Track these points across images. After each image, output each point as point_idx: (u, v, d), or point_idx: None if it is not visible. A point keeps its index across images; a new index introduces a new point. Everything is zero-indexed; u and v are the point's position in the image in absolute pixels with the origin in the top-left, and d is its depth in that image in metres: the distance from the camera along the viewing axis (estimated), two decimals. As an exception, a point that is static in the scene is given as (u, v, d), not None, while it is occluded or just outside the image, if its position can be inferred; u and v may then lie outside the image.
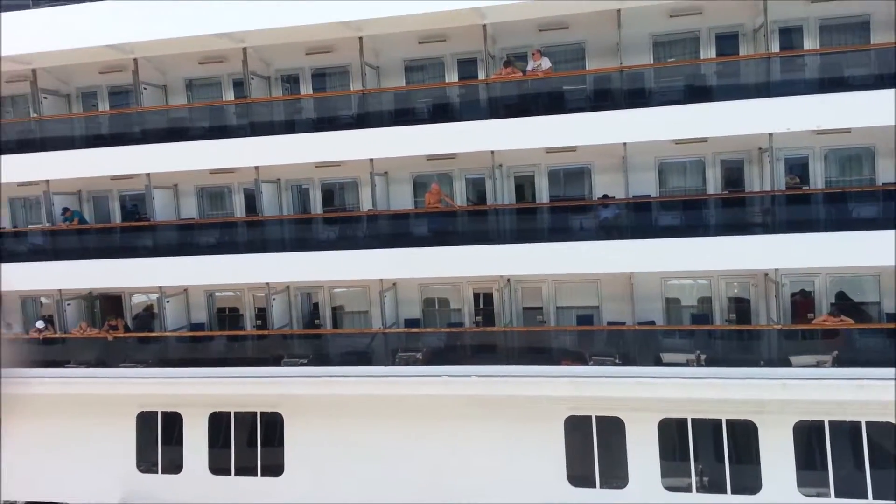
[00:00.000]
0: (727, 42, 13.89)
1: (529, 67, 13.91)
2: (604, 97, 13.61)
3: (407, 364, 14.25)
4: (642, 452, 13.41)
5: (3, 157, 15.46)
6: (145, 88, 15.90)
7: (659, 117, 12.65)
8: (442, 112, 14.31)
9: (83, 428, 15.99)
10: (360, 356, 14.86)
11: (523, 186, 15.17)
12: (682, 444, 13.34)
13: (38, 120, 15.96)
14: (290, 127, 15.00)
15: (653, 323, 14.06)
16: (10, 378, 15.36)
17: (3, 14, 14.42)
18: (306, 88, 15.86)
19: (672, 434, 13.44)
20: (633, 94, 13.29)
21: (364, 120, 14.36)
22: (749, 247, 12.53)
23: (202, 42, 14.55)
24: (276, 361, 14.93)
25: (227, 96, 16.27)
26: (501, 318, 14.68)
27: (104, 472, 15.80)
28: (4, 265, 15.71)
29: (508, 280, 14.70)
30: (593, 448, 13.65)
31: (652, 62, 14.01)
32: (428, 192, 14.72)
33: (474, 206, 15.08)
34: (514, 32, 14.38)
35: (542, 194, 14.89)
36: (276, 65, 15.92)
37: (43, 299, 17.36)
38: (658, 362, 13.30)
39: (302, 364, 14.65)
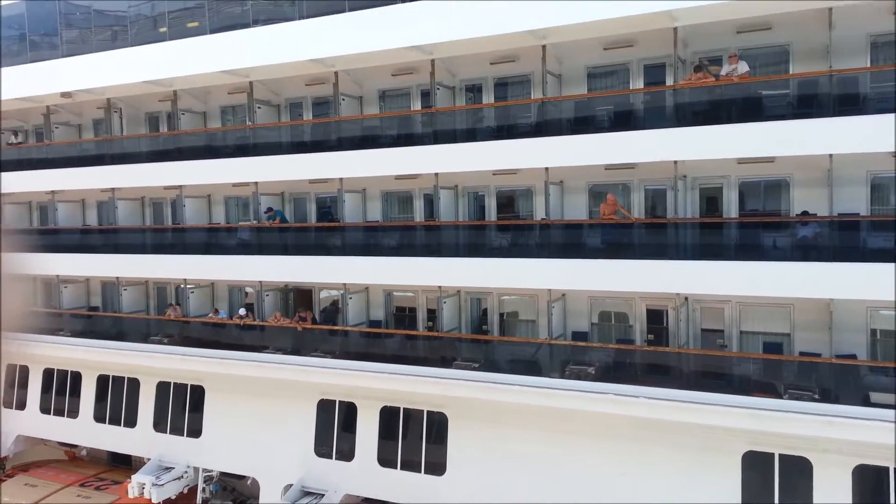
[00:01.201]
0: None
1: (724, 72, 13.03)
2: (808, 103, 12.35)
3: (578, 378, 13.80)
4: (832, 499, 11.84)
5: (222, 160, 17.50)
6: (343, 99, 17.11)
7: (873, 126, 11.20)
8: (624, 120, 13.85)
9: (272, 409, 17.30)
10: (528, 365, 14.72)
11: (709, 199, 14.20)
12: (881, 494, 11.59)
13: (251, 128, 17.83)
14: (471, 135, 15.35)
15: (854, 356, 12.42)
16: (214, 358, 17.29)
17: (227, 33, 16.31)
18: (488, 97, 16.16)
19: (869, 482, 11.72)
20: (845, 101, 11.91)
21: (542, 128, 14.31)
22: None
23: (395, 55, 15.37)
24: (445, 362, 15.24)
25: (414, 106, 17.03)
26: (676, 339, 13.81)
27: (286, 453, 17.00)
28: (218, 256, 17.73)
29: (686, 298, 13.80)
30: (774, 488, 12.29)
31: (868, 65, 12.47)
32: (603, 202, 14.30)
33: (653, 219, 14.38)
34: (708, 35, 13.55)
35: (731, 208, 13.82)
36: (461, 75, 16.40)
37: (247, 289, 19.29)
38: (866, 402, 11.71)
39: (473, 368, 14.79)
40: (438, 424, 15.62)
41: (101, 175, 19.42)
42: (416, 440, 15.86)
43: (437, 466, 15.50)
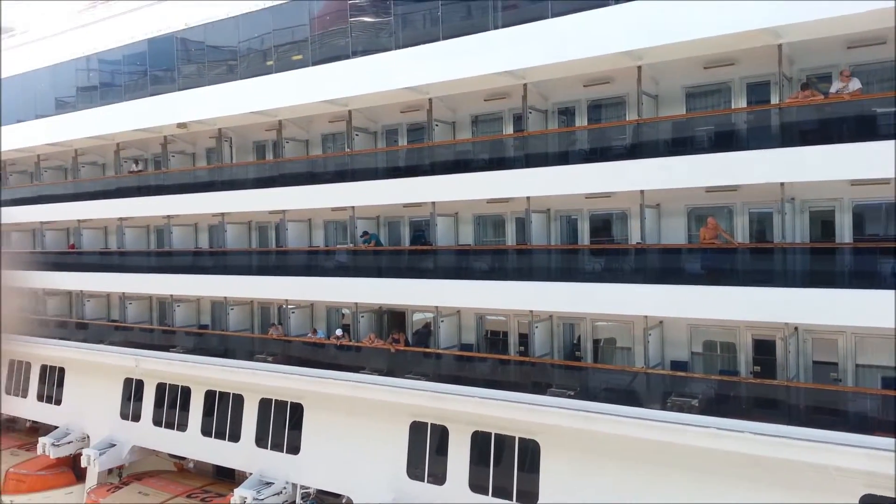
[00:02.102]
0: None
1: (833, 89, 12.29)
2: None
3: (681, 410, 13.17)
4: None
5: (322, 185, 18.16)
6: (437, 125, 17.40)
7: None
8: (726, 140, 13.29)
9: (366, 429, 17.60)
10: (624, 394, 14.24)
11: (822, 223, 13.34)
12: None
13: (349, 154, 18.44)
14: (563, 158, 15.21)
15: None
16: (312, 376, 17.83)
17: (327, 65, 16.98)
18: (581, 120, 15.97)
19: None
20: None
21: (637, 150, 13.98)
22: None
23: (488, 80, 15.48)
24: (537, 388, 14.99)
25: (506, 130, 17.07)
26: (785, 371, 12.98)
27: (379, 473, 17.20)
28: (317, 278, 18.35)
29: (796, 328, 12.97)
30: (897, 537, 11.25)
31: None
32: (703, 226, 13.73)
33: (759, 244, 13.67)
34: (816, 51, 12.84)
35: (844, 232, 12.92)
36: (553, 98, 16.32)
37: (344, 310, 19.83)
38: None
39: (568, 396, 14.45)
40: (531, 452, 15.37)
41: (211, 200, 20.62)
42: (508, 467, 15.66)
43: (529, 495, 15.22)
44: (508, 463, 15.67)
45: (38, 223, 26.70)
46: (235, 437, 19.98)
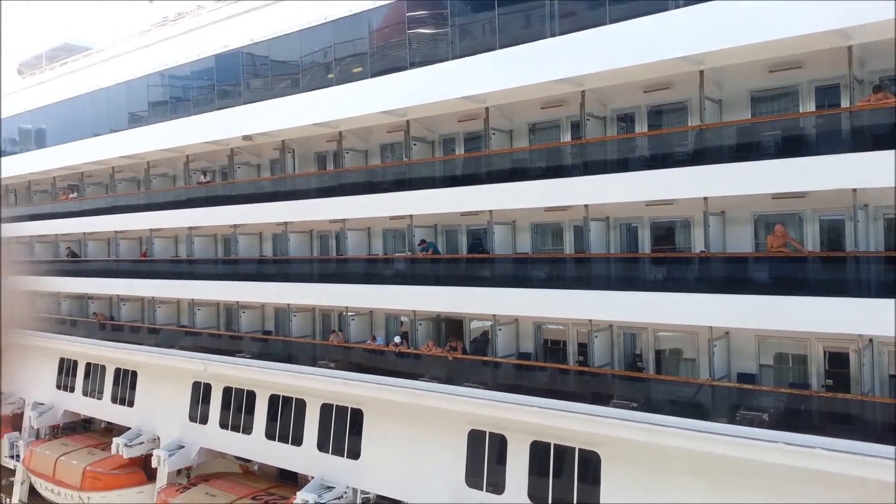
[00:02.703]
0: None
1: (909, 91, 11.73)
2: None
3: (750, 424, 12.68)
4: None
5: (380, 195, 18.42)
6: (494, 133, 17.40)
7: None
8: (793, 146, 12.81)
9: (425, 436, 17.76)
10: (688, 407, 13.89)
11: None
12: None
13: (407, 164, 18.65)
14: (622, 165, 14.96)
15: None
16: (371, 383, 18.07)
17: (386, 76, 17.25)
18: (641, 126, 15.70)
19: None
20: None
21: (700, 157, 13.61)
22: None
23: (545, 88, 15.39)
24: (597, 399, 14.78)
25: (564, 138, 16.94)
26: (859, 385, 12.42)
27: (438, 480, 17.30)
28: (376, 286, 18.62)
29: (871, 340, 12.40)
30: None
31: None
32: (771, 234, 13.28)
33: (830, 252, 13.13)
34: (888, 53, 12.21)
35: (922, 240, 12.29)
36: (612, 105, 16.11)
37: (402, 318, 20.04)
38: None
39: (632, 408, 14.17)
40: (591, 464, 15.18)
41: (275, 210, 21.17)
42: (568, 478, 15.51)
43: (589, 507, 15.06)
44: (568, 474, 15.51)
45: (112, 232, 27.96)
46: (298, 440, 20.44)
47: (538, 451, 15.98)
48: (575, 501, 15.30)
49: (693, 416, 13.39)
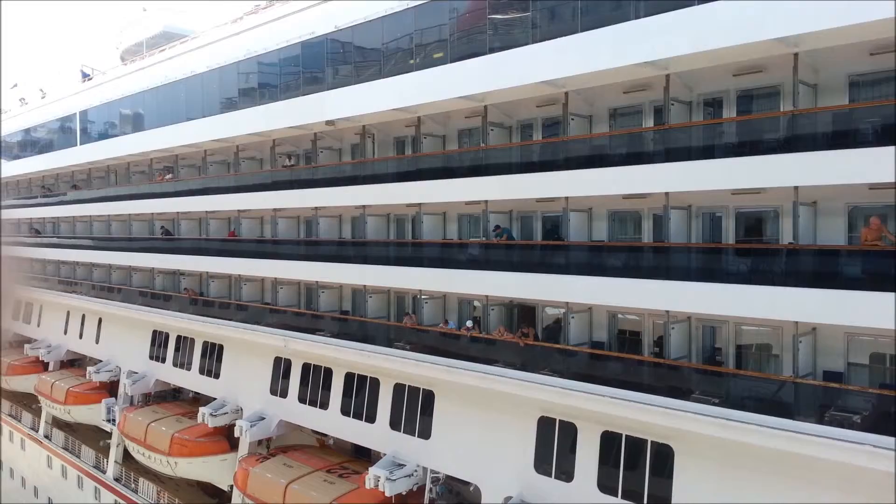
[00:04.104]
0: None
1: None
2: None
3: (840, 425, 12.09)
4: None
5: (456, 180, 18.48)
6: (573, 119, 17.14)
7: None
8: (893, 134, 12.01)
9: (495, 420, 17.83)
10: (772, 405, 13.29)
11: None
12: None
13: (484, 149, 18.62)
14: (707, 152, 14.40)
15: None
16: (442, 365, 18.27)
17: (464, 62, 17.21)
18: (729, 112, 15.08)
19: None
20: None
21: (792, 144, 12.95)
22: None
23: (627, 72, 15.00)
24: (673, 392, 14.40)
25: (646, 123, 16.47)
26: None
27: (506, 464, 17.38)
28: (450, 270, 18.71)
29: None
30: None
31: None
32: (865, 226, 12.52)
33: (932, 247, 12.25)
34: None
35: None
36: (698, 89, 15.54)
37: (475, 303, 20.13)
38: None
39: (713, 404, 13.69)
40: (664, 457, 14.86)
41: (354, 193, 21.64)
42: (639, 470, 15.26)
43: (661, 501, 14.76)
44: (640, 466, 15.25)
45: (203, 213, 29.32)
46: (371, 418, 20.95)
47: (609, 442, 15.78)
48: (646, 494, 15.03)
49: (776, 413, 12.85)
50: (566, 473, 16.41)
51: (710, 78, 15.01)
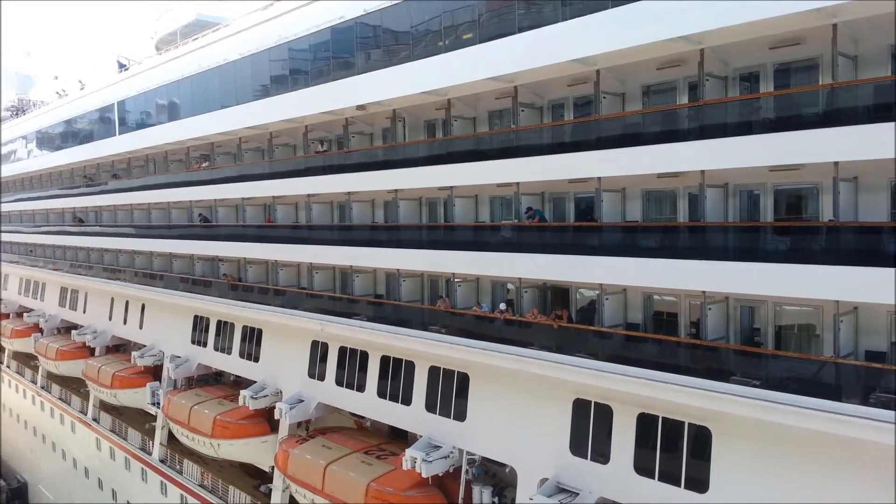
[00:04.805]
0: None
1: None
2: None
3: (885, 407, 11.80)
4: None
5: (487, 162, 18.39)
6: (605, 97, 16.85)
7: None
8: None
9: (530, 403, 17.87)
10: (813, 386, 12.98)
11: None
12: None
13: (514, 130, 18.46)
14: (744, 128, 14.05)
15: None
16: (477, 348, 18.32)
17: (492, 42, 17.01)
18: (766, 86, 14.67)
19: None
20: None
21: (832, 118, 12.55)
22: None
23: (660, 48, 14.66)
24: (710, 374, 14.21)
25: (681, 100, 16.12)
26: None
27: (542, 447, 17.42)
28: (482, 253, 18.68)
29: None
30: None
31: None
32: (912, 202, 12.12)
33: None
34: None
35: None
36: (734, 64, 15.14)
37: (508, 285, 20.08)
38: None
39: (754, 386, 13.48)
40: (701, 439, 14.73)
41: (386, 178, 21.70)
42: (676, 452, 15.16)
43: (699, 483, 14.67)
44: (677, 448, 15.15)
45: (239, 199, 29.75)
46: (407, 400, 21.17)
47: (645, 424, 15.70)
48: (683, 477, 14.93)
49: (818, 395, 12.60)
50: (602, 455, 16.38)
51: (746, 52, 14.60)
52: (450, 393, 20.04)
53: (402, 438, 23.08)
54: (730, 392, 13.55)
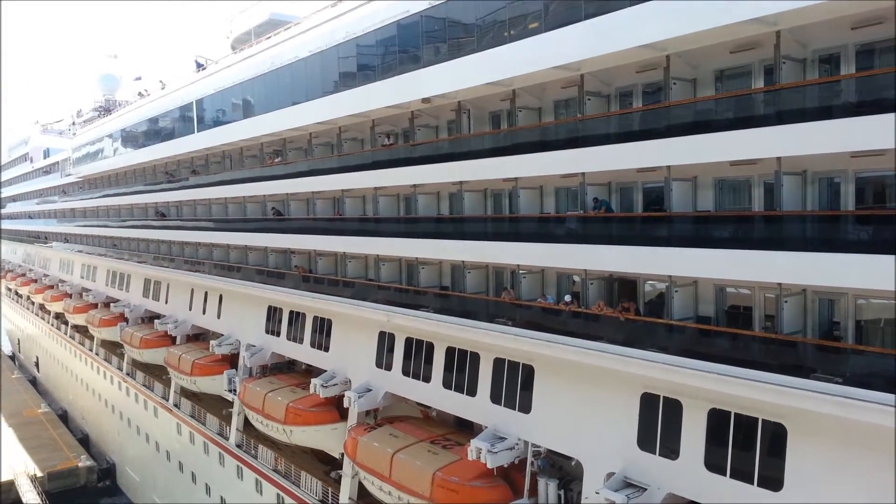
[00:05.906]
0: None
1: None
2: None
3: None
4: None
5: (552, 153, 18.16)
6: (675, 83, 16.38)
7: None
8: None
9: (596, 396, 17.63)
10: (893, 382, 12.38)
11: None
12: None
13: (580, 120, 18.17)
14: (824, 113, 13.37)
15: None
16: (542, 340, 18.19)
17: (557, 30, 16.74)
18: (847, 68, 13.91)
19: None
20: None
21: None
22: None
23: (733, 30, 14.09)
24: (786, 369, 13.61)
25: (756, 84, 15.51)
26: None
27: (608, 440, 17.18)
28: (547, 244, 18.47)
29: None
30: None
31: None
32: None
33: None
34: None
35: None
36: (813, 45, 14.43)
37: (574, 277, 19.83)
38: None
39: (836, 383, 12.80)
40: (777, 436, 14.20)
41: (451, 170, 21.75)
42: (749, 449, 14.68)
43: (772, 481, 14.17)
44: (750, 445, 14.67)
45: (310, 193, 30.48)
46: (472, 391, 21.25)
47: (717, 420, 15.25)
48: (756, 474, 14.44)
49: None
50: (671, 451, 16.02)
51: (826, 32, 13.90)
52: (515, 385, 20.00)
53: (467, 429, 23.20)
54: (806, 388, 12.98)
